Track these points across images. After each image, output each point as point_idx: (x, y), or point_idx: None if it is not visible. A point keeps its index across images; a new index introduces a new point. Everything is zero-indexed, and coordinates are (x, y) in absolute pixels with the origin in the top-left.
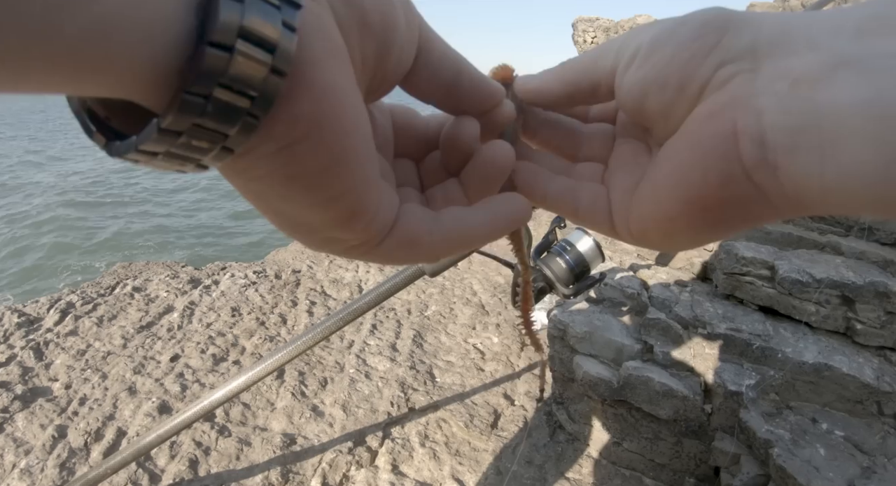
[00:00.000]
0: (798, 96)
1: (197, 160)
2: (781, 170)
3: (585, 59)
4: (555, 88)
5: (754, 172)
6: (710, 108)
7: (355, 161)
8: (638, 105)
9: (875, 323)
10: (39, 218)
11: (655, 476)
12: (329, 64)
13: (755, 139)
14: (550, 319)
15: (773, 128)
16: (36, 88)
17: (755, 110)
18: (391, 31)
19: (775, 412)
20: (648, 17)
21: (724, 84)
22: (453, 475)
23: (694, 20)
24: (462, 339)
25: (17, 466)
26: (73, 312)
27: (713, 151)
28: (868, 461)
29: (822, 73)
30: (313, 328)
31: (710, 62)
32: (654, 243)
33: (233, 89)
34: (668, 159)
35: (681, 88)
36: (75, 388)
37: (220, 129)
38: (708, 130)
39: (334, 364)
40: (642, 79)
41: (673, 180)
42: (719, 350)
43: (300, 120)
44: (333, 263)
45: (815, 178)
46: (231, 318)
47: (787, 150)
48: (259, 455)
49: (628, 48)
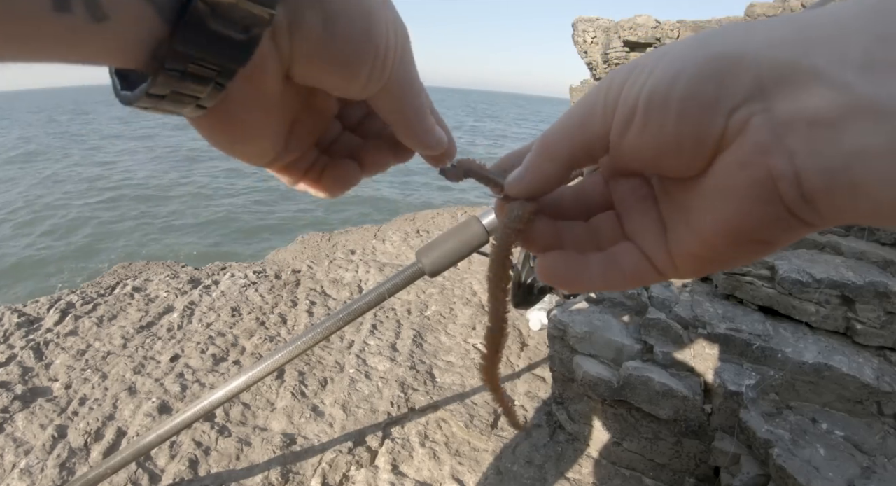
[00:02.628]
0: (821, 138)
1: (188, 106)
2: (819, 205)
3: (568, 131)
4: (552, 175)
5: (796, 209)
6: (738, 158)
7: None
8: (650, 166)
9: (875, 323)
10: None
11: (655, 476)
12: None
13: (792, 182)
14: (550, 319)
15: (806, 170)
16: (52, 61)
17: (786, 153)
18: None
19: (775, 412)
20: (648, 17)
21: (742, 130)
22: (453, 475)
23: (691, 70)
24: (462, 339)
25: (17, 466)
26: (73, 312)
27: (756, 199)
28: (868, 461)
29: (838, 115)
30: (313, 328)
31: (721, 112)
32: (702, 273)
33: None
34: (709, 213)
35: (698, 145)
36: (75, 388)
37: (195, 92)
38: (745, 179)
39: (334, 364)
40: (653, 143)
41: (722, 228)
42: (719, 350)
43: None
44: (333, 263)
45: (850, 210)
46: (231, 318)
47: (823, 190)
48: (259, 455)
49: (618, 108)
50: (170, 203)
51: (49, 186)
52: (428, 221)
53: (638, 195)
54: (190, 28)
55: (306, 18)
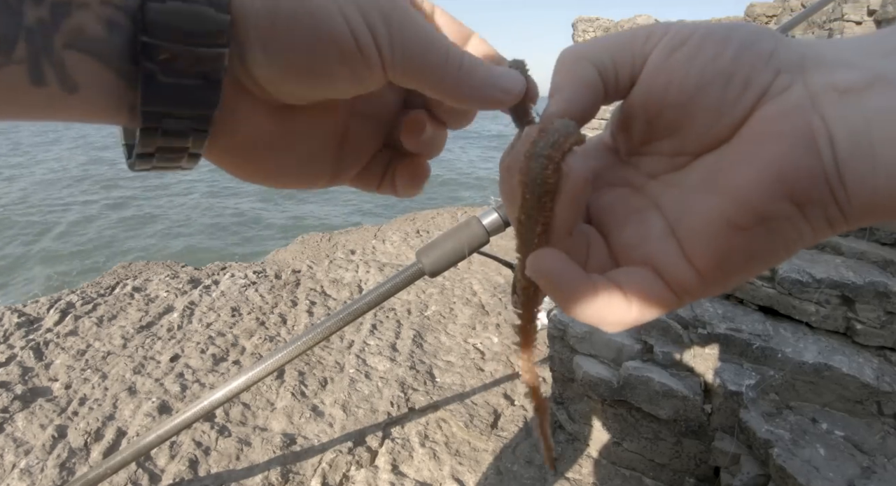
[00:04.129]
0: (849, 104)
1: (181, 159)
2: (844, 172)
3: (602, 43)
4: (587, 78)
5: (831, 177)
6: (780, 108)
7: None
8: (687, 96)
9: (875, 323)
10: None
11: (655, 476)
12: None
13: (827, 142)
14: (550, 319)
15: (838, 130)
16: (40, 121)
17: (820, 115)
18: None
19: (775, 412)
20: (648, 17)
21: (784, 90)
22: (453, 475)
23: (748, 28)
24: (462, 339)
25: (17, 466)
26: (73, 312)
27: (798, 144)
28: (868, 460)
29: (864, 84)
30: (313, 328)
31: (771, 67)
32: (727, 266)
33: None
34: (748, 161)
35: (746, 85)
36: (75, 388)
37: (179, 144)
38: (788, 126)
39: (334, 364)
40: (702, 69)
41: (765, 174)
42: (719, 350)
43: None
44: (333, 263)
45: (869, 177)
46: (231, 318)
47: (850, 151)
48: (259, 455)
49: (666, 36)
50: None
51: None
52: (428, 222)
53: (632, 208)
54: (149, 87)
55: (249, 45)
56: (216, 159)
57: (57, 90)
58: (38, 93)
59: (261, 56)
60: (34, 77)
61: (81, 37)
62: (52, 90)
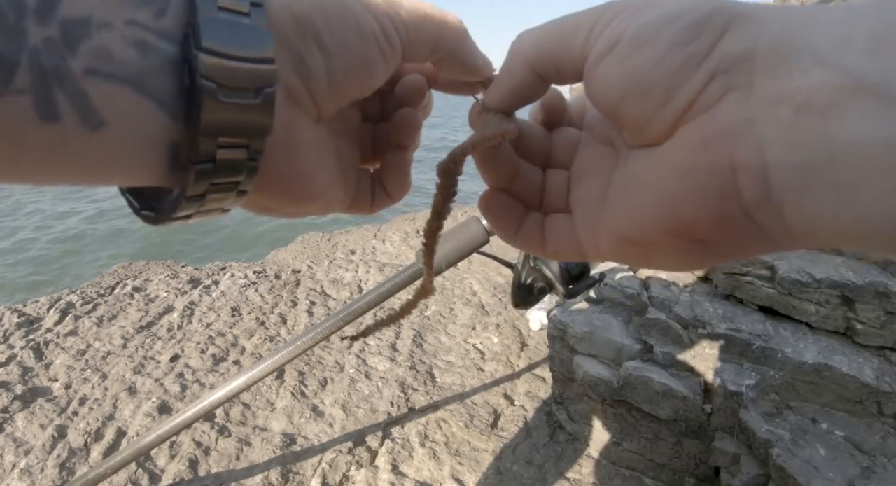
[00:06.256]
0: (807, 127)
1: (221, 208)
2: (788, 209)
3: (544, 38)
4: (520, 78)
5: (755, 211)
6: (700, 134)
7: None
8: (611, 107)
9: (875, 323)
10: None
11: (655, 476)
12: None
13: (756, 176)
14: (550, 319)
15: (779, 165)
16: (46, 182)
17: (756, 142)
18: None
19: (775, 412)
20: None
21: (715, 103)
22: (453, 475)
23: (692, 15)
24: (462, 339)
25: (17, 466)
26: (73, 312)
27: (708, 187)
28: (868, 461)
29: (834, 97)
30: (313, 328)
31: (702, 73)
32: (631, 261)
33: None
34: (653, 186)
35: (665, 101)
36: (75, 388)
37: (232, 178)
38: (701, 162)
39: (334, 364)
40: (621, 80)
41: (660, 211)
42: (719, 350)
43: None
44: (333, 263)
45: (828, 220)
46: (231, 318)
47: (796, 190)
48: (259, 455)
49: (604, 33)
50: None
51: None
52: None
53: (598, 168)
54: (206, 110)
55: (307, 61)
56: (258, 193)
57: (74, 127)
58: (47, 131)
59: (319, 57)
60: (43, 111)
61: (109, 61)
62: (66, 127)
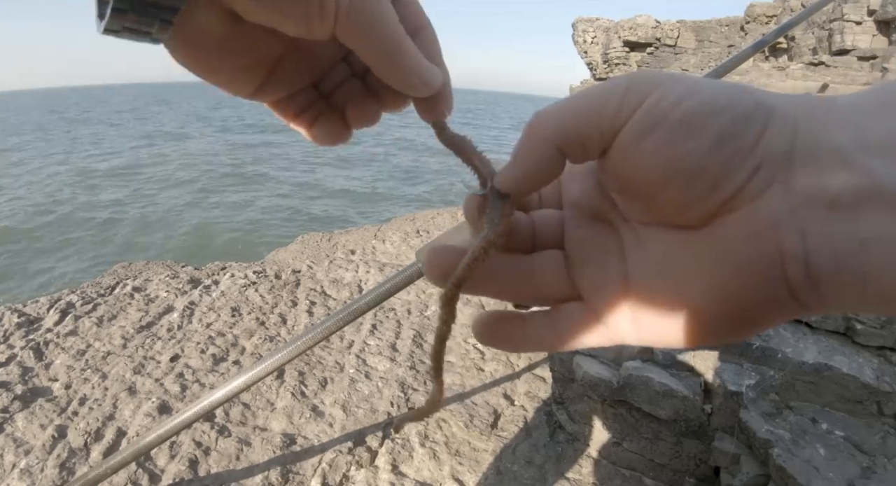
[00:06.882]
0: (839, 221)
1: (148, 34)
2: (824, 289)
3: (570, 112)
4: (545, 158)
5: (799, 291)
6: (750, 227)
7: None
8: (652, 186)
9: (875, 323)
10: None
11: (655, 476)
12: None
13: (801, 262)
14: None
15: (818, 252)
16: None
17: (799, 231)
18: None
19: (775, 412)
20: (648, 17)
21: (759, 195)
22: (453, 475)
23: (739, 109)
24: (462, 339)
25: (17, 466)
26: (73, 312)
27: (763, 275)
28: (868, 461)
29: (857, 200)
30: (313, 328)
31: (749, 164)
32: (672, 345)
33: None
34: (708, 275)
35: (713, 188)
36: (75, 388)
37: (144, 26)
38: (753, 251)
39: (334, 364)
40: (669, 163)
41: (713, 296)
42: (719, 350)
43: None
44: (333, 263)
45: (856, 297)
46: (231, 318)
47: (831, 274)
48: (259, 455)
49: (640, 109)
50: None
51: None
52: (428, 221)
53: (602, 247)
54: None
55: None
56: (174, 44)
57: None
58: None
59: None
60: None
61: None
62: None
